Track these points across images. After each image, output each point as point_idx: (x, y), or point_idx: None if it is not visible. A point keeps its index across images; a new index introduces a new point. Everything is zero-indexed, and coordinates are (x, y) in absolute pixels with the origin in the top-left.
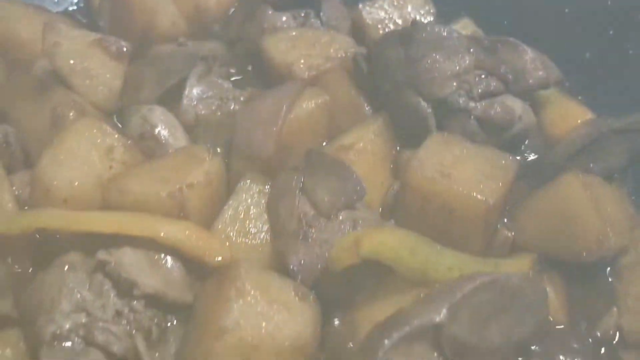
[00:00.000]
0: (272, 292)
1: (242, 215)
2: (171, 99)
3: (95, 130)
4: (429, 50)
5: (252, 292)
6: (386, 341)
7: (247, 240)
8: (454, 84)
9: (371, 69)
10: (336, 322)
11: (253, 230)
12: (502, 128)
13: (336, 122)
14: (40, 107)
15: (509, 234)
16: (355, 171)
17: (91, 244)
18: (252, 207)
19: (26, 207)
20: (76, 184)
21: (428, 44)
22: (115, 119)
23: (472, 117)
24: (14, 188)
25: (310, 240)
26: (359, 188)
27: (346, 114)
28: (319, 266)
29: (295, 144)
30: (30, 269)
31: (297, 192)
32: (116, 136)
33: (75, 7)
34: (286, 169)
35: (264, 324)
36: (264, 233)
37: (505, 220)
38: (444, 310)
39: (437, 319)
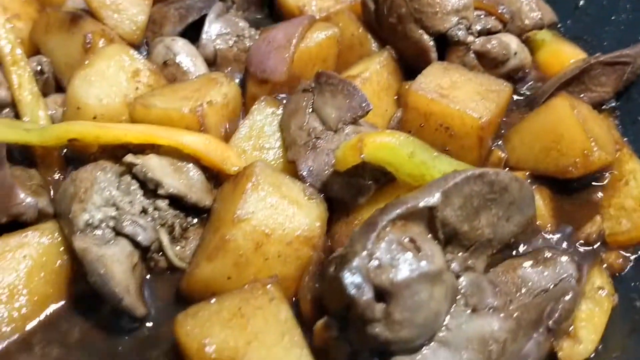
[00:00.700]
0: (283, 189)
1: (256, 133)
2: (191, 36)
3: (123, 55)
4: None
5: (266, 187)
6: (385, 216)
7: (260, 154)
8: (455, 18)
9: (377, 7)
10: (341, 220)
11: (266, 146)
12: (498, 62)
13: (344, 58)
14: (71, 38)
15: (502, 155)
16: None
17: (119, 155)
18: (265, 126)
19: None
20: (105, 102)
21: None
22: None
23: (470, 50)
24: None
25: (318, 149)
26: (364, 104)
27: (353, 51)
28: (327, 172)
29: (305, 73)
30: (63, 177)
31: (307, 110)
32: (142, 61)
33: None
34: (297, 91)
35: (276, 215)
36: (276, 149)
37: (500, 142)
38: (438, 194)
39: (431, 201)
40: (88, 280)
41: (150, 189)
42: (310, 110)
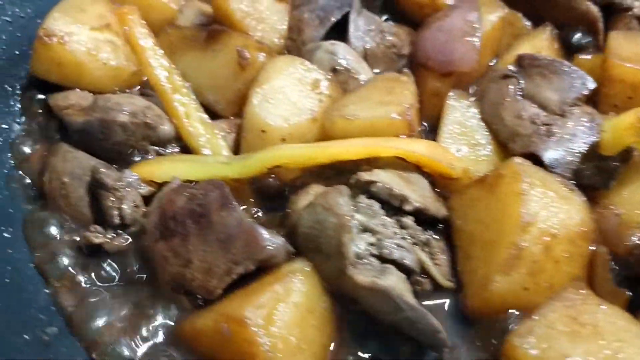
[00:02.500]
0: (549, 184)
1: (460, 130)
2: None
3: (298, 66)
4: None
5: (539, 185)
6: None
7: (475, 151)
8: None
9: None
10: (599, 209)
11: (480, 141)
12: None
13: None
14: (212, 56)
15: None
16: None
17: (329, 176)
18: (467, 122)
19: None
20: (292, 121)
21: None
22: None
23: (633, 16)
24: None
25: (556, 136)
26: (586, 82)
27: (504, 31)
28: (574, 159)
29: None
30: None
31: (516, 96)
32: (319, 70)
33: None
34: (492, 79)
35: (555, 213)
36: (487, 143)
37: None
38: None
39: None
40: (388, 318)
41: (394, 206)
42: (521, 96)
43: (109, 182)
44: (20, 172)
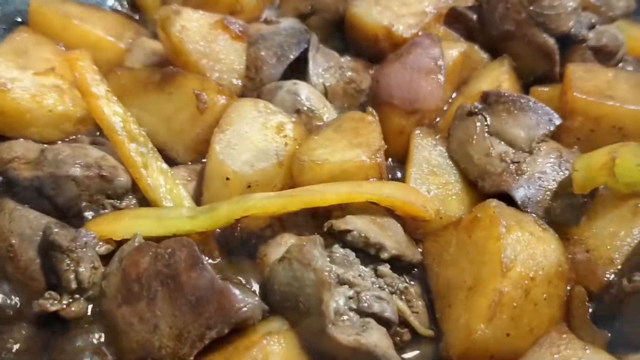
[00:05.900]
0: (524, 225)
1: (429, 169)
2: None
3: (261, 109)
4: None
5: (515, 227)
6: None
7: (446, 190)
8: (574, 17)
9: (484, 16)
10: (570, 245)
11: (450, 180)
12: (611, 55)
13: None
14: (167, 99)
15: None
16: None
17: (300, 224)
18: (435, 159)
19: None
20: (258, 167)
21: None
22: None
23: (587, 47)
24: None
25: (526, 175)
26: (551, 118)
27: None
28: (545, 197)
29: None
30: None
31: (483, 134)
32: (282, 113)
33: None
34: (459, 116)
35: (532, 255)
36: (456, 182)
37: None
38: None
39: None
40: None
41: (370, 254)
42: (488, 134)
43: (64, 243)
44: None
